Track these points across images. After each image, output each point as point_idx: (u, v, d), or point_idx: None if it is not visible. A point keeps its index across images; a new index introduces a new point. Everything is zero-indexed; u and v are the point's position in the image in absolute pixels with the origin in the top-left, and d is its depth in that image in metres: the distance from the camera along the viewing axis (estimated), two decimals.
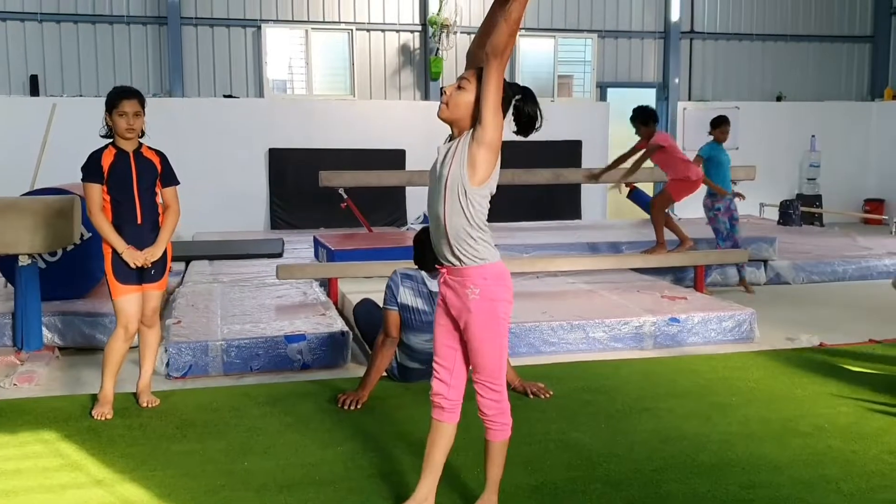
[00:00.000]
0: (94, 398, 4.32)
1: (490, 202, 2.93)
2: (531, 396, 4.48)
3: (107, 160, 4.14)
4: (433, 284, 4.47)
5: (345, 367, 5.34)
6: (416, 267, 4.56)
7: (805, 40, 14.01)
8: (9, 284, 6.21)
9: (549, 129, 11.76)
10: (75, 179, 6.58)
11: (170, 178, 4.32)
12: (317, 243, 8.78)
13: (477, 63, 2.92)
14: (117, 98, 4.14)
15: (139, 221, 4.19)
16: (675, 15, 13.21)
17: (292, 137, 11.67)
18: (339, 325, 5.62)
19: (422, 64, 12.44)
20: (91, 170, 4.14)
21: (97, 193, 4.13)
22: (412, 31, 12.42)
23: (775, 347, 5.78)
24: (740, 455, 3.64)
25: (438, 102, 2.95)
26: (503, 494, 3.10)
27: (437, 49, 12.06)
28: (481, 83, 2.81)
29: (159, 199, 4.31)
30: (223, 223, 11.17)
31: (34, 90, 11.08)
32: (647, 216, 11.17)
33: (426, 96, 12.40)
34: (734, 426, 4.02)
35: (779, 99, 13.86)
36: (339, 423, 4.11)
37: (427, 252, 4.48)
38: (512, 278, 3.01)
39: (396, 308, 4.43)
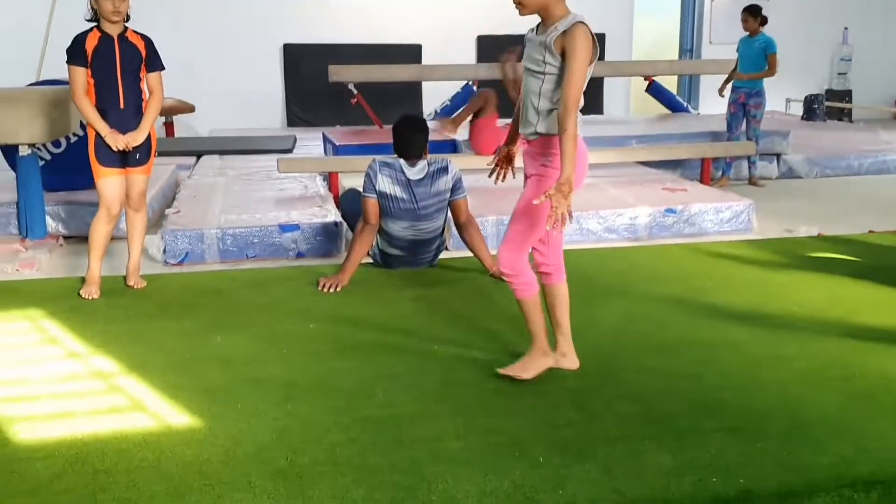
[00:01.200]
0: (83, 280, 4.48)
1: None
2: None
3: (91, 43, 4.17)
4: (412, 172, 4.50)
5: (338, 256, 5.44)
6: (396, 156, 4.57)
7: None
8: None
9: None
10: None
11: (155, 63, 4.34)
12: (325, 139, 8.81)
13: None
14: None
15: (122, 105, 4.23)
16: None
17: (307, 32, 11.54)
18: (332, 215, 5.70)
19: None
20: (75, 52, 4.17)
21: (81, 76, 4.17)
22: None
23: (769, 237, 5.76)
24: (700, 334, 3.69)
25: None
26: (469, 371, 3.25)
27: None
28: None
29: (144, 85, 4.34)
30: (239, 120, 11.20)
31: None
32: (668, 111, 11.00)
33: None
34: (702, 308, 4.06)
35: None
36: (315, 303, 4.22)
37: (405, 140, 4.52)
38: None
39: (375, 195, 4.48)
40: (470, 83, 9.79)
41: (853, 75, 13.06)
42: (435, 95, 11.50)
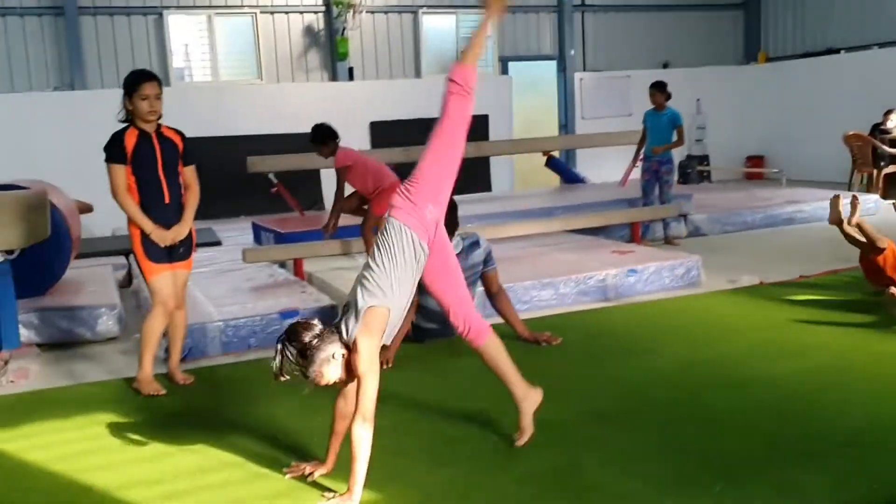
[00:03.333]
0: (127, 382, 4.35)
1: None
2: (543, 344, 4.81)
3: (130, 141, 4.16)
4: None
5: None
6: None
7: (685, 10, 14.92)
8: None
9: None
10: None
11: (190, 157, 4.38)
12: (259, 229, 8.81)
13: None
14: (138, 81, 4.16)
15: (167, 201, 4.24)
16: None
17: (202, 125, 11.44)
18: (326, 299, 5.78)
19: (327, 45, 12.49)
20: (115, 151, 4.14)
21: (122, 174, 4.15)
22: (316, 13, 12.44)
23: (721, 289, 6.33)
24: (759, 374, 4.10)
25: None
26: (570, 423, 3.48)
27: (343, 29, 12.14)
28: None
29: (181, 180, 4.35)
30: None
31: None
32: (564, 182, 11.73)
33: (334, 76, 12.45)
34: (736, 351, 4.50)
35: (665, 66, 14.70)
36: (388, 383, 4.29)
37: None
38: None
39: None
40: None
41: (708, 141, 14.46)
42: (330, 180, 11.72)
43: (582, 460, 3.16)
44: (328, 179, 11.81)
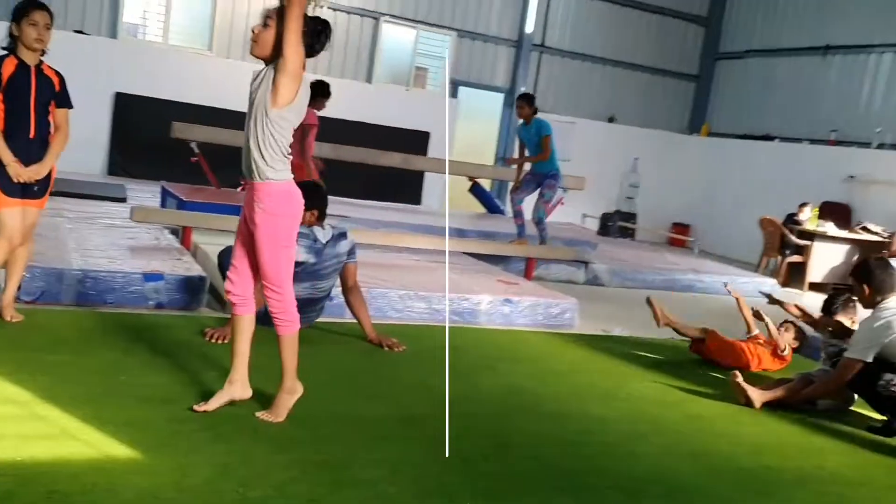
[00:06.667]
0: None
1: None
2: (385, 349, 4.88)
3: (7, 69, 4.12)
4: (322, 234, 4.77)
5: (198, 310, 5.48)
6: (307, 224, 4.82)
7: (640, 70, 15.28)
8: None
9: (401, 117, 12.32)
10: None
11: (65, 100, 4.35)
12: (165, 192, 8.74)
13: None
14: (29, 7, 4.14)
15: (32, 135, 4.21)
16: (529, 27, 14.02)
17: (142, 84, 11.41)
18: (197, 269, 5.76)
19: None
20: None
21: None
22: None
23: (589, 334, 6.46)
24: (573, 410, 4.23)
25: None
26: (383, 426, 3.57)
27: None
28: (283, 20, 3.20)
29: (51, 118, 4.32)
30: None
31: None
32: (486, 210, 11.86)
33: None
34: (566, 388, 4.64)
35: (611, 120, 15.02)
36: (208, 351, 4.33)
37: (326, 202, 4.80)
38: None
39: None
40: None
41: (638, 200, 14.77)
42: None
43: (354, 457, 3.22)
44: None
